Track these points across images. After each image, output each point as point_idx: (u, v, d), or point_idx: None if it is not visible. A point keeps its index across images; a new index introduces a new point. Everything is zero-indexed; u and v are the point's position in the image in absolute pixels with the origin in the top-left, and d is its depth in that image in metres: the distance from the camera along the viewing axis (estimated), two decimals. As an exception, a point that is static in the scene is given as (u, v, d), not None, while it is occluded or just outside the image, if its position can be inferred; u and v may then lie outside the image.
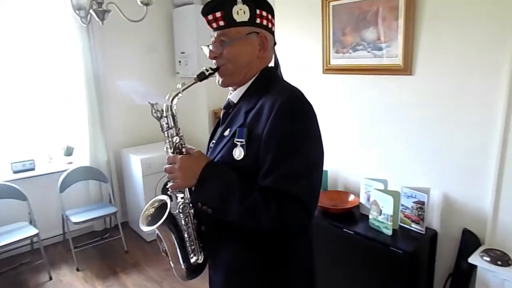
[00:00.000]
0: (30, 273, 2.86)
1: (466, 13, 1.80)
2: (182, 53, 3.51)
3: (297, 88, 1.02)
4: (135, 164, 3.20)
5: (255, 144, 0.94)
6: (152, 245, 3.23)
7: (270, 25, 1.06)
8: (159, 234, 1.04)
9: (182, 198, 1.04)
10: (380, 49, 2.14)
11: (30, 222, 2.83)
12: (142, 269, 2.90)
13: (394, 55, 2.08)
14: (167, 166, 1.00)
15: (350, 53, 2.30)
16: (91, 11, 1.72)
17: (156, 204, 1.07)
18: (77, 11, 1.70)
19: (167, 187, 1.00)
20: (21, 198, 2.80)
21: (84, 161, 3.27)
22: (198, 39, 3.29)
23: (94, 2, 1.67)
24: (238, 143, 0.96)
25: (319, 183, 1.00)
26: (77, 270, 2.88)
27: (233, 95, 1.09)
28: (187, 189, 1.04)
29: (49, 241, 3.23)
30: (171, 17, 3.60)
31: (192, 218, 1.06)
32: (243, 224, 0.95)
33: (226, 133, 1.02)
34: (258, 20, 1.02)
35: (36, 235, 2.71)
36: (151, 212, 1.06)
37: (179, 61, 3.58)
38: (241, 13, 0.99)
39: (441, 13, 1.88)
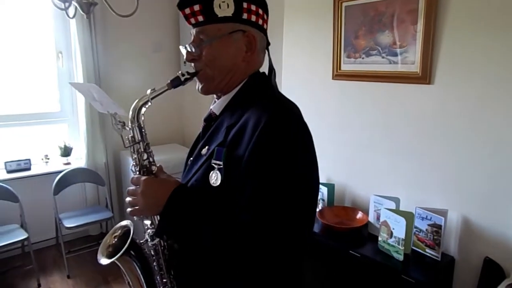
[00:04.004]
0: (19, 278, 2.75)
1: (494, 18, 1.59)
2: (187, 53, 3.37)
3: (290, 101, 0.84)
4: (134, 167, 3.06)
5: (235, 169, 0.76)
6: (148, 253, 3.09)
7: (260, 22, 0.88)
8: (120, 266, 0.88)
9: (151, 224, 0.88)
10: (396, 54, 1.95)
11: (21, 225, 2.72)
12: (135, 279, 2.75)
13: (411, 61, 1.89)
14: (130, 188, 0.84)
15: (362, 58, 2.11)
16: (74, 2, 1.58)
17: (118, 233, 0.91)
18: (57, 2, 1.55)
19: (127, 210, 0.84)
20: (12, 200, 2.68)
21: (82, 162, 3.15)
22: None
23: (78, -7, 1.53)
24: (216, 166, 0.78)
25: (311, 216, 0.83)
26: (68, 277, 2.76)
27: (216, 105, 0.92)
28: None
29: (43, 244, 3.12)
30: (177, 15, 3.47)
31: (162, 248, 0.89)
32: (217, 263, 0.78)
33: (204, 151, 0.86)
34: (245, 16, 0.84)
35: (26, 239, 2.59)
36: (113, 242, 0.90)
37: (184, 62, 3.42)
38: (223, 6, 0.82)
39: (465, 17, 1.68)
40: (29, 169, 2.96)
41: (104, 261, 0.85)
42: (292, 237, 0.76)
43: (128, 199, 0.83)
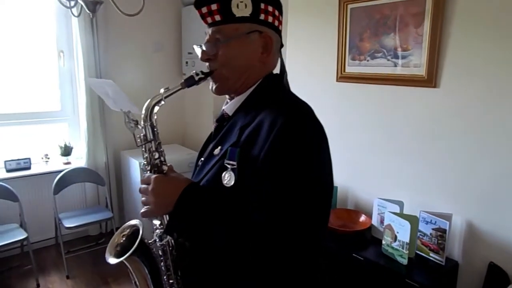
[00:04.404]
0: (17, 278, 2.72)
1: (501, 21, 1.60)
2: (190, 53, 3.36)
3: (304, 103, 0.84)
4: (134, 167, 3.05)
5: (248, 169, 0.76)
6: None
7: (276, 23, 0.88)
8: (128, 266, 0.87)
9: (160, 224, 0.87)
10: (402, 57, 1.95)
11: (21, 225, 2.69)
12: (135, 280, 2.72)
13: (417, 64, 1.89)
14: (142, 186, 0.83)
15: (367, 60, 2.11)
16: (80, 1, 1.57)
17: (126, 231, 0.90)
18: (63, 1, 1.54)
19: (140, 212, 0.83)
20: (12, 199, 2.66)
21: (82, 162, 3.13)
22: (207, 40, 3.13)
23: (85, -9, 1.52)
24: (229, 166, 0.78)
25: (325, 217, 0.82)
26: (67, 277, 2.73)
27: (228, 105, 0.91)
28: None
29: (42, 244, 3.09)
30: (179, 15, 3.46)
31: (170, 248, 0.88)
32: (229, 263, 0.78)
33: (216, 151, 0.85)
34: (262, 16, 0.84)
35: (26, 239, 2.57)
36: (121, 241, 0.89)
37: (186, 62, 3.42)
38: (241, 6, 0.81)
39: (473, 20, 1.68)
40: (29, 168, 2.94)
41: (112, 260, 0.84)
42: (305, 238, 0.75)
43: (142, 199, 0.82)
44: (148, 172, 0.85)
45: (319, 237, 0.80)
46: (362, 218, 2.14)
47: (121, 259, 0.82)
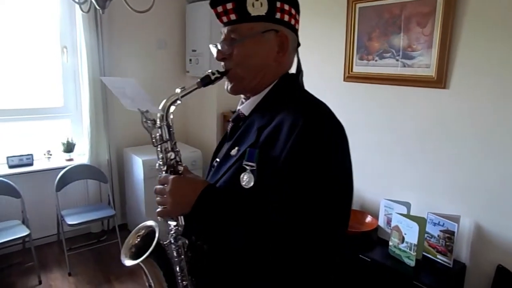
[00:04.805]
0: (19, 275, 2.70)
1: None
2: (194, 51, 3.33)
3: (322, 102, 0.83)
4: (137, 165, 3.03)
5: (268, 171, 0.75)
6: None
7: (293, 22, 0.87)
8: (143, 267, 0.85)
9: (175, 226, 0.85)
10: (411, 57, 1.93)
11: (23, 221, 2.67)
12: (138, 278, 2.71)
13: (426, 65, 1.87)
14: (158, 186, 0.82)
15: (376, 60, 2.09)
16: (90, -3, 1.55)
17: (142, 232, 0.88)
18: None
19: (156, 211, 0.82)
20: (14, 195, 2.64)
21: (84, 158, 3.11)
22: (211, 37, 3.11)
23: (94, -13, 1.50)
24: (248, 168, 0.76)
25: (346, 216, 0.81)
26: (69, 274, 2.72)
27: (244, 105, 0.90)
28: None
29: (43, 241, 3.07)
30: (183, 12, 3.44)
31: (185, 250, 0.87)
32: (246, 265, 0.77)
33: (233, 152, 0.83)
34: (278, 15, 0.83)
35: (28, 235, 2.55)
36: (136, 242, 0.87)
37: (190, 60, 3.40)
38: (257, 5, 0.80)
39: (485, 20, 1.66)
40: (31, 164, 2.92)
41: (128, 262, 0.83)
42: (324, 238, 0.74)
43: (157, 199, 0.81)
44: (164, 172, 0.84)
45: (338, 236, 0.79)
46: (368, 219, 2.14)
47: (137, 261, 0.81)
